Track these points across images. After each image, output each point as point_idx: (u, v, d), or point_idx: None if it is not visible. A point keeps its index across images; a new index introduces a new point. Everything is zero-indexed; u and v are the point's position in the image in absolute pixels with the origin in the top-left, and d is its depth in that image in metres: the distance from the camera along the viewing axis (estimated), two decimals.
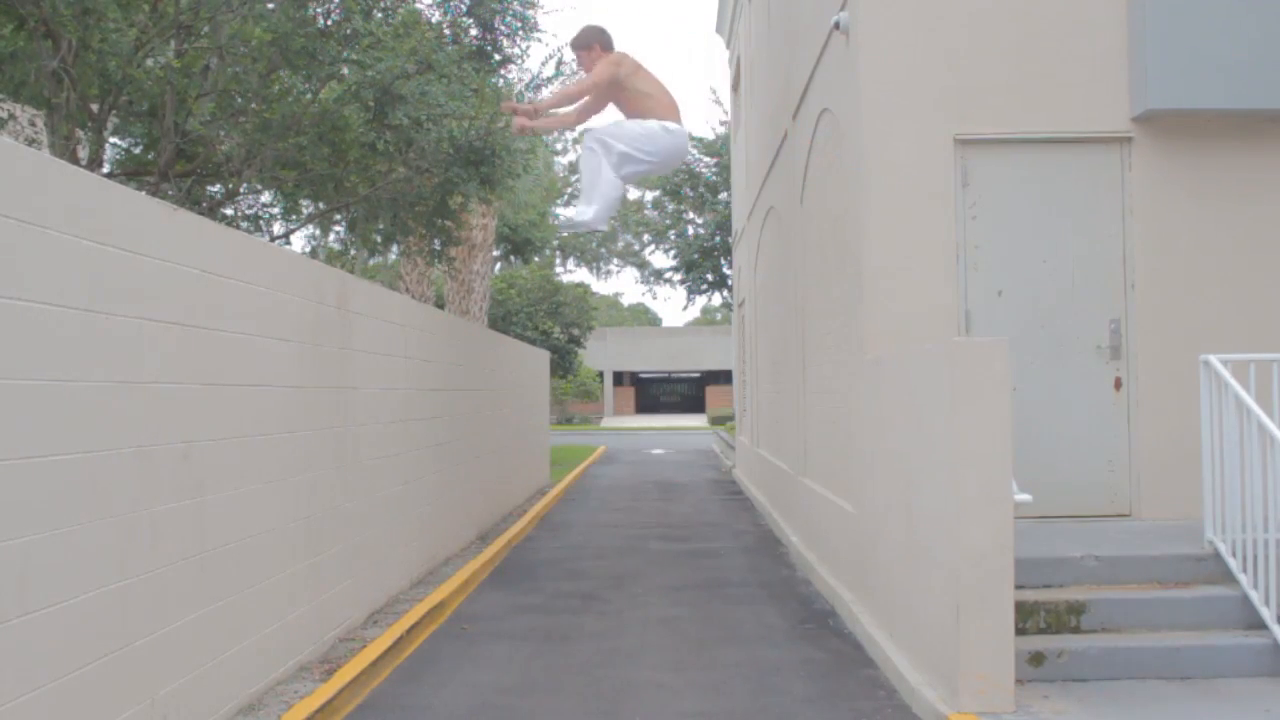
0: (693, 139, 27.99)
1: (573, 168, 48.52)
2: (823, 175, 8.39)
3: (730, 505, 14.38)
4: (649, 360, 53.32)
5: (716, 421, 39.74)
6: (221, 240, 4.85)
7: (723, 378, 50.29)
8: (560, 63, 12.45)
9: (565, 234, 7.36)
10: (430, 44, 7.88)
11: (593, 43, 6.47)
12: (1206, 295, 6.75)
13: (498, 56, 9.77)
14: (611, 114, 6.66)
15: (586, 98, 6.50)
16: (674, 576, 8.75)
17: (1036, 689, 4.98)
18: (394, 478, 7.60)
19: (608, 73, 6.31)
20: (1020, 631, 5.19)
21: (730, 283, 24.81)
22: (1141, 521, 6.66)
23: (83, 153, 6.90)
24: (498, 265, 28.77)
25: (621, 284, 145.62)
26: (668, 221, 28.99)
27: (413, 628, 6.60)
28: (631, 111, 6.43)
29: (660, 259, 50.44)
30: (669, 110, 6.35)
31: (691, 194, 27.56)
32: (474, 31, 9.61)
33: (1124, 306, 6.78)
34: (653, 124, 6.29)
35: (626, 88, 6.34)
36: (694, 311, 67.57)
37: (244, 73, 6.95)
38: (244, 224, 9.30)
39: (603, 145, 6.29)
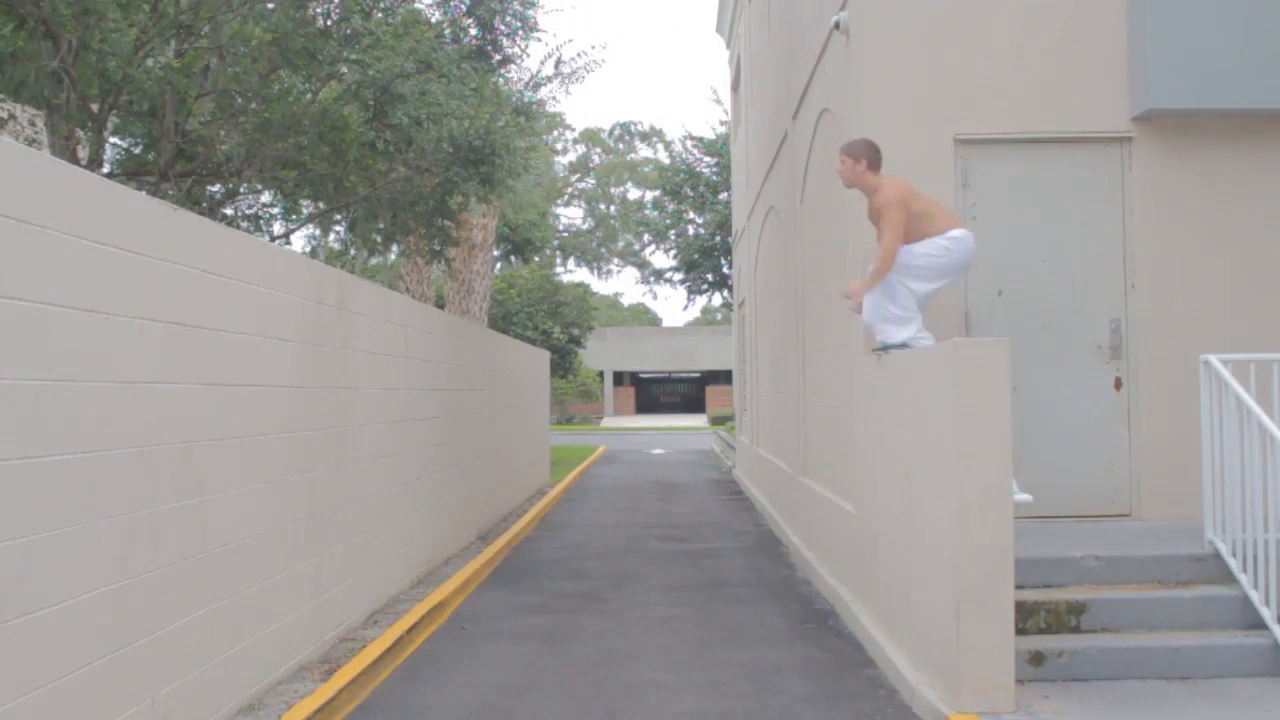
0: (693, 139, 28.02)
1: (573, 167, 48.63)
2: (823, 175, 8.39)
3: (730, 505, 14.38)
4: (649, 360, 53.30)
5: (716, 421, 39.72)
6: (221, 240, 4.85)
7: (723, 378, 50.27)
8: (559, 62, 12.43)
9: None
10: (430, 43, 7.87)
11: (862, 156, 6.16)
12: (1206, 295, 6.75)
13: (498, 56, 9.77)
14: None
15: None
16: (674, 576, 8.75)
17: (1037, 689, 4.98)
18: (394, 477, 7.60)
19: (902, 196, 5.96)
20: (1020, 631, 5.19)
21: (730, 283, 24.80)
22: (1141, 521, 6.66)
23: (83, 153, 6.89)
24: (498, 265, 28.77)
25: (621, 284, 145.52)
26: (668, 221, 28.97)
27: (413, 628, 6.60)
28: (914, 232, 6.07)
29: (660, 259, 50.51)
30: (949, 223, 6.04)
31: (691, 194, 27.54)
32: (474, 31, 9.61)
33: (1124, 306, 6.77)
34: (937, 241, 5.97)
35: (910, 210, 6.03)
36: (694, 311, 67.51)
37: (244, 73, 6.95)
38: (244, 224, 9.30)
39: (903, 276, 6.02)
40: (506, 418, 13.04)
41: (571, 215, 50.03)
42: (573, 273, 54.90)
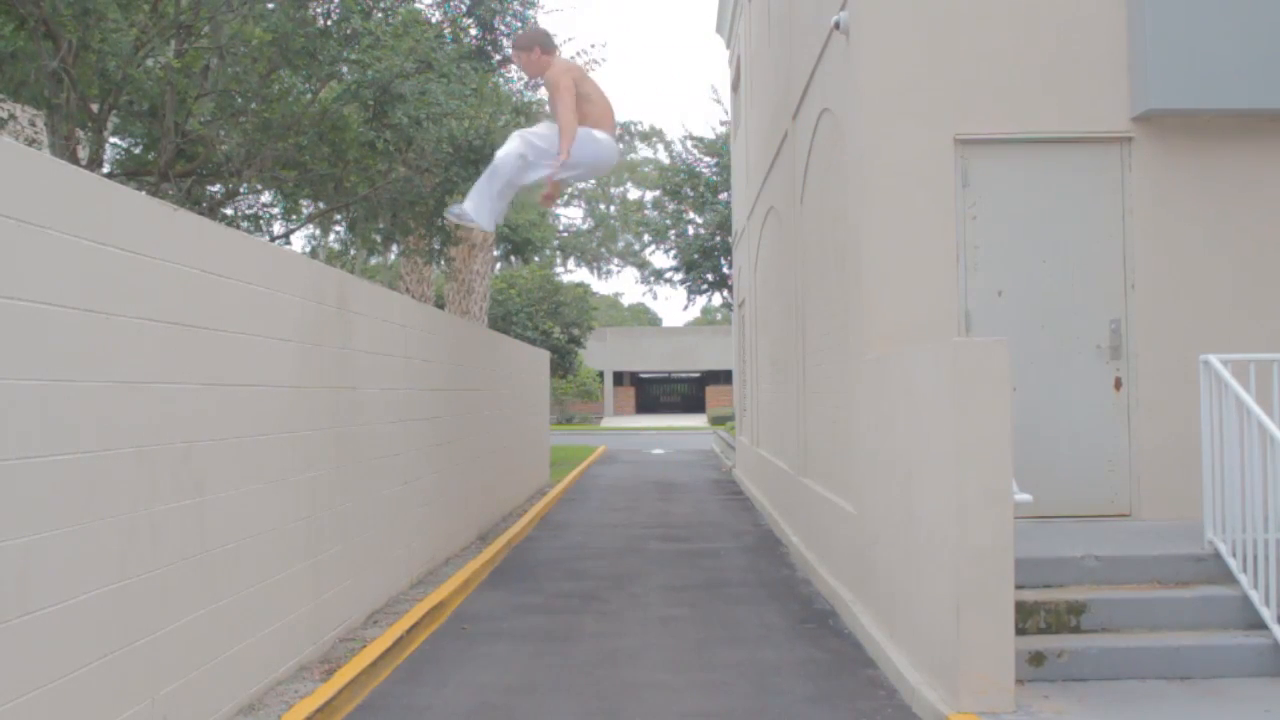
0: (693, 139, 28.03)
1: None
2: (823, 175, 8.39)
3: (730, 505, 14.38)
4: (649, 360, 53.30)
5: (716, 421, 39.72)
6: (222, 240, 4.85)
7: (723, 378, 50.26)
8: None
9: (451, 220, 7.51)
10: (430, 43, 7.88)
11: (534, 45, 6.39)
12: (1206, 295, 6.75)
13: (498, 56, 9.78)
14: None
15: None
16: (674, 576, 8.75)
17: (1037, 689, 4.98)
18: (394, 478, 7.60)
19: (570, 78, 6.29)
20: (1020, 631, 5.19)
21: (730, 283, 24.81)
22: (1141, 521, 6.66)
23: (83, 153, 6.89)
24: (498, 265, 28.76)
25: (621, 284, 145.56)
26: (668, 221, 28.98)
27: (413, 628, 6.60)
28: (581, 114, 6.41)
29: (660, 259, 50.39)
30: (604, 118, 6.35)
31: (691, 194, 27.56)
32: (474, 31, 9.62)
33: (1124, 306, 6.77)
34: (581, 131, 6.22)
35: (579, 91, 6.35)
36: (694, 311, 67.46)
37: (244, 73, 6.96)
38: (244, 224, 9.30)
39: (529, 146, 6.21)
40: (506, 418, 13.04)
41: (571, 215, 49.97)
42: (573, 273, 54.92)
